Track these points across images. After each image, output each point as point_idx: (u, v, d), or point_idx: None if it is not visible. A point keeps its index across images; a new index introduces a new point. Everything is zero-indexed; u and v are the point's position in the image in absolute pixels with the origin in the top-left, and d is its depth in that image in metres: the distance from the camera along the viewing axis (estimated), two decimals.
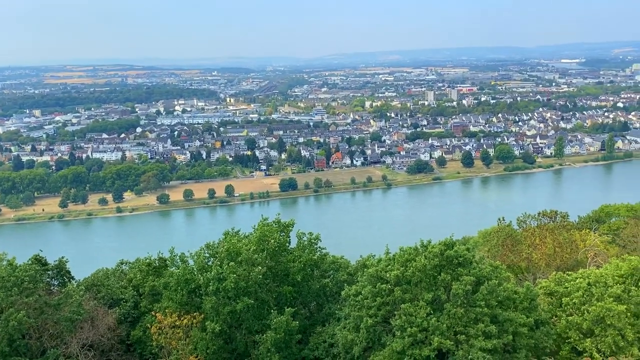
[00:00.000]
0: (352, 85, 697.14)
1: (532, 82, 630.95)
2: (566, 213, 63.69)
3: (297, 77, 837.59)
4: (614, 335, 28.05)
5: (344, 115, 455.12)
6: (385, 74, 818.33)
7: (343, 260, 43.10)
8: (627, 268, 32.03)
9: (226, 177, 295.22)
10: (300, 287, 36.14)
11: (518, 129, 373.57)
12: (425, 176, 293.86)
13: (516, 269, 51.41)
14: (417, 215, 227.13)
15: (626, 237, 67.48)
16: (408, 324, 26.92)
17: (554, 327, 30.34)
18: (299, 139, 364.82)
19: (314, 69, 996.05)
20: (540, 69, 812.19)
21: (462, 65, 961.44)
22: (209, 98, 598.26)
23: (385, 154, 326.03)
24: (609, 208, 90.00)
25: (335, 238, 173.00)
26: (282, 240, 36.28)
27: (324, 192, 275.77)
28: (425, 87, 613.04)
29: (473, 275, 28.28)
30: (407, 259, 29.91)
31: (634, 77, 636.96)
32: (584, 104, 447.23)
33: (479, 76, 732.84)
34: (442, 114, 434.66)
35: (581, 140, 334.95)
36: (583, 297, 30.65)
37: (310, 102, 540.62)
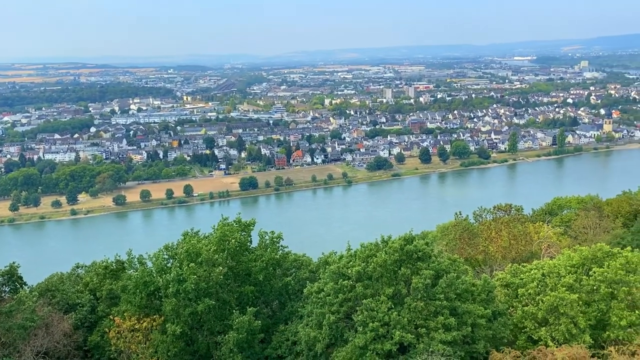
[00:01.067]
0: (311, 83, 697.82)
1: (486, 79, 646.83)
2: (520, 206, 65.45)
3: (255, 75, 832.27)
4: (567, 324, 29.03)
5: (304, 113, 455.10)
6: (344, 72, 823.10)
7: (305, 258, 43.18)
8: (579, 258, 33.18)
9: (184, 177, 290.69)
10: (262, 286, 35.98)
11: (473, 125, 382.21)
12: (384, 173, 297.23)
13: (473, 262, 52.55)
14: (378, 211, 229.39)
15: (577, 229, 69.98)
16: (370, 319, 27.18)
17: (511, 318, 31.20)
18: (258, 137, 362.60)
19: (273, 67, 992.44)
20: (493, 67, 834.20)
21: (419, 63, 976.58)
22: (165, 96, 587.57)
23: (346, 152, 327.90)
24: (560, 201, 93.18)
25: (298, 236, 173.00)
26: (243, 240, 36.00)
27: (285, 191, 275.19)
28: (383, 84, 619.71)
29: (432, 269, 28.79)
30: (368, 255, 30.19)
31: (581, 74, 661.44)
32: (535, 100, 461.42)
33: (435, 74, 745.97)
34: (400, 111, 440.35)
35: (534, 135, 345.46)
36: (537, 287, 31.60)
37: (269, 100, 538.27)
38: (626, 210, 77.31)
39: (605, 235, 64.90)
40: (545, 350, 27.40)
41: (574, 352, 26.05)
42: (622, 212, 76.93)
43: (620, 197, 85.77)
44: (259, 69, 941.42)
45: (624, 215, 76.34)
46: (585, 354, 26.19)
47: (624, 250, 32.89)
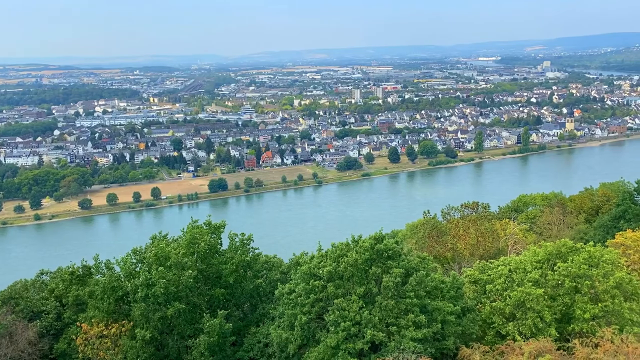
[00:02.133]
0: (280, 83, 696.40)
1: (452, 80, 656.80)
2: (487, 204, 66.78)
3: (223, 75, 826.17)
4: (533, 318, 29.70)
5: (273, 114, 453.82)
6: (313, 73, 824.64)
7: (276, 259, 43.03)
8: (544, 254, 33.97)
9: (152, 180, 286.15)
10: (233, 288, 35.71)
11: (440, 125, 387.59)
12: (354, 173, 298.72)
13: (442, 260, 53.30)
14: (349, 211, 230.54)
15: (542, 225, 71.75)
16: (341, 318, 27.29)
17: (479, 314, 31.73)
18: (227, 139, 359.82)
19: (241, 67, 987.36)
20: (459, 67, 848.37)
21: (386, 64, 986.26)
22: (131, 98, 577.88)
23: (315, 152, 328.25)
24: (526, 198, 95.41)
25: (269, 237, 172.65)
26: (213, 242, 35.64)
27: (255, 192, 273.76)
28: (352, 85, 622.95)
29: (402, 267, 29.08)
30: (339, 255, 30.29)
31: (544, 73, 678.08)
32: (500, 100, 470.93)
33: (402, 74, 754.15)
34: (368, 111, 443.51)
35: (499, 134, 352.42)
36: (505, 283, 32.22)
37: (238, 101, 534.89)
38: (588, 206, 79.67)
39: (569, 230, 66.76)
40: (513, 345, 27.97)
41: (541, 345, 26.66)
42: (584, 208, 79.24)
43: (582, 193, 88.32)
44: (227, 70, 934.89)
45: (587, 211, 78.65)
46: (551, 347, 26.84)
47: (586, 245, 33.84)
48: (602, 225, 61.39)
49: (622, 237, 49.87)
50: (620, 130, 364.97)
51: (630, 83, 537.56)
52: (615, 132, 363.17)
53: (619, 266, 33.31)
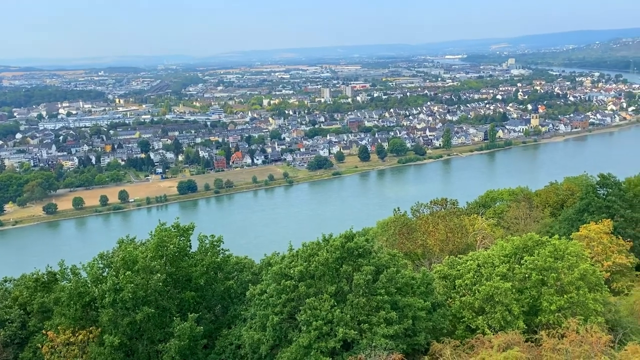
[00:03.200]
0: (248, 83, 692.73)
1: (420, 78, 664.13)
2: (456, 200, 67.58)
3: (191, 75, 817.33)
4: (502, 311, 30.23)
5: (242, 114, 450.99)
6: (282, 72, 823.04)
7: (247, 260, 42.75)
8: (511, 248, 34.63)
9: (119, 183, 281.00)
10: (203, 291, 35.32)
11: (409, 123, 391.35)
12: (325, 172, 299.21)
13: (413, 256, 53.77)
14: (321, 210, 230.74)
15: (509, 219, 73.10)
16: (313, 317, 27.26)
17: (450, 308, 32.13)
18: (196, 140, 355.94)
19: (209, 67, 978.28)
20: (426, 65, 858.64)
21: (355, 63, 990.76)
22: (96, 99, 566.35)
23: (286, 152, 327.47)
24: (493, 193, 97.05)
25: (242, 238, 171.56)
26: (182, 245, 35.16)
27: (225, 193, 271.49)
28: (321, 84, 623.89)
29: (373, 264, 29.22)
30: (310, 254, 30.26)
31: (509, 71, 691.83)
32: (467, 97, 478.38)
33: (370, 73, 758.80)
34: (338, 110, 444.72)
35: (466, 131, 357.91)
36: (474, 278, 32.72)
37: (206, 101, 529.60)
38: (553, 200, 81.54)
39: (535, 224, 68.18)
40: (482, 338, 28.40)
41: (509, 338, 27.16)
42: (550, 202, 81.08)
43: (547, 188, 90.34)
44: (194, 70, 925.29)
45: (552, 205, 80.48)
46: (520, 339, 27.37)
47: (552, 239, 34.62)
48: (566, 219, 62.87)
49: (586, 230, 51.28)
50: (582, 126, 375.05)
51: (592, 79, 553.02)
52: (578, 128, 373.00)
53: (583, 258, 34.19)
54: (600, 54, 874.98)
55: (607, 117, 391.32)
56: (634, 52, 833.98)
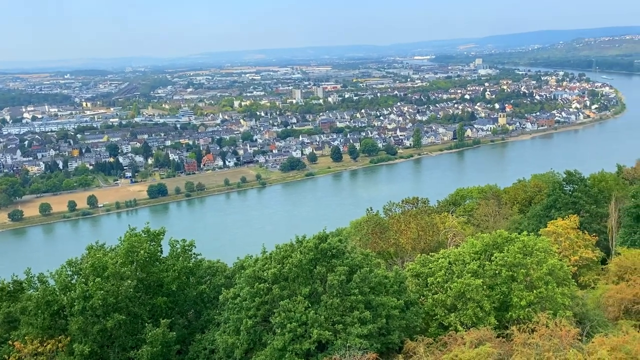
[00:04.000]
0: (219, 84, 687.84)
1: (389, 79, 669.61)
2: (427, 199, 68.40)
3: (159, 77, 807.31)
4: (473, 308, 30.65)
5: (213, 116, 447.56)
6: (252, 73, 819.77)
7: (220, 264, 42.36)
8: (481, 245, 35.11)
9: (88, 188, 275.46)
10: (175, 296, 34.86)
11: (380, 123, 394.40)
12: (298, 173, 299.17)
13: (386, 255, 54.16)
14: (295, 211, 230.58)
15: (479, 217, 74.30)
16: (287, 320, 27.18)
17: (422, 306, 32.42)
18: (166, 142, 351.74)
19: (178, 69, 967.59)
20: (396, 66, 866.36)
21: (325, 64, 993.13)
22: (62, 103, 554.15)
23: (258, 153, 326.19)
24: (463, 191, 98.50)
25: (216, 242, 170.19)
26: (153, 250, 34.62)
27: (197, 196, 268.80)
28: (292, 85, 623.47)
29: (346, 265, 29.29)
30: (284, 256, 30.17)
31: (477, 71, 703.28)
32: (436, 97, 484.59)
33: (341, 74, 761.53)
34: (310, 111, 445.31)
35: (436, 130, 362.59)
36: (445, 275, 33.08)
37: (175, 104, 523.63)
38: (522, 197, 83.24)
39: (504, 221, 69.48)
40: (455, 335, 28.75)
41: (481, 334, 27.56)
42: (518, 199, 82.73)
43: (515, 185, 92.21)
44: (163, 72, 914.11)
45: (520, 202, 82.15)
46: (491, 335, 27.80)
47: (521, 235, 35.24)
48: (534, 215, 64.26)
49: (554, 226, 52.51)
50: (548, 124, 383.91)
51: (556, 78, 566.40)
52: (544, 126, 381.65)
53: (551, 253, 34.94)
54: (564, 54, 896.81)
55: (571, 115, 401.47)
56: (596, 51, 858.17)
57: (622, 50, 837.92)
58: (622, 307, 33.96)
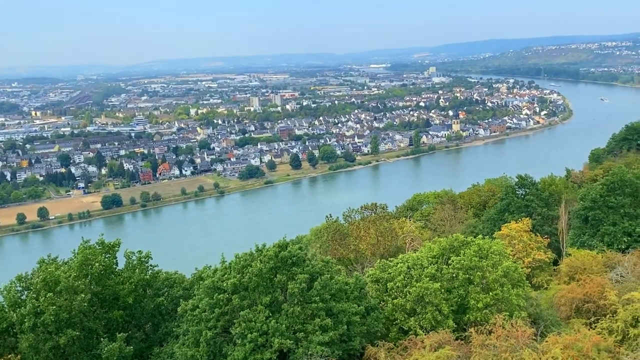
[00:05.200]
0: (174, 92, 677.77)
1: (347, 87, 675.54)
2: (385, 204, 69.01)
3: (113, 85, 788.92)
4: (432, 311, 31.12)
5: (169, 124, 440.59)
6: (209, 81, 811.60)
7: (178, 275, 41.45)
8: (438, 249, 35.75)
9: (38, 199, 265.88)
10: (132, 309, 33.97)
11: (338, 130, 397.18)
12: (257, 181, 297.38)
13: (346, 261, 54.34)
14: (256, 219, 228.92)
15: (436, 221, 75.59)
16: (248, 330, 26.91)
17: (382, 312, 32.67)
18: (120, 152, 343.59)
19: (132, 77, 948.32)
20: (353, 74, 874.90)
21: (283, 72, 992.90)
22: (9, 112, 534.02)
23: (216, 162, 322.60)
24: (420, 197, 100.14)
25: (176, 252, 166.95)
26: (108, 263, 33.67)
27: (153, 206, 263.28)
28: (250, 93, 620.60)
29: (307, 272, 29.26)
30: (243, 266, 29.89)
31: (431, 78, 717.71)
32: (392, 105, 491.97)
33: (299, 82, 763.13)
34: (268, 119, 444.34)
35: (392, 137, 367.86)
36: (404, 280, 33.47)
37: (130, 112, 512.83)
38: (476, 201, 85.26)
39: (460, 225, 70.92)
40: (415, 339, 29.11)
41: (440, 337, 28.02)
42: (473, 204, 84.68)
43: (470, 189, 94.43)
44: (117, 80, 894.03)
45: (475, 206, 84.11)
46: (450, 338, 28.29)
47: (476, 239, 36.08)
48: (489, 219, 65.88)
49: (507, 229, 53.98)
50: (500, 130, 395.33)
51: (507, 86, 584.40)
52: (497, 132, 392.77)
53: (506, 256, 35.88)
54: (514, 62, 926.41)
55: (522, 121, 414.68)
56: (544, 59, 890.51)
57: (568, 58, 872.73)
58: (574, 306, 35.16)
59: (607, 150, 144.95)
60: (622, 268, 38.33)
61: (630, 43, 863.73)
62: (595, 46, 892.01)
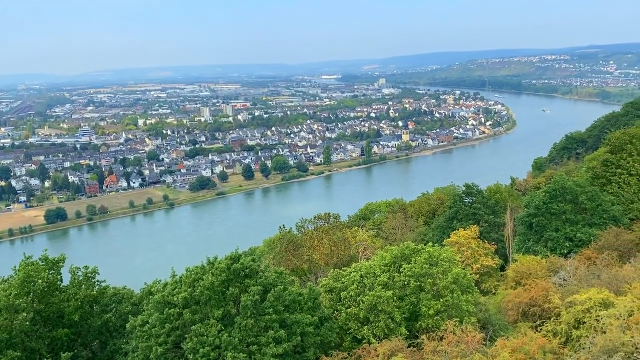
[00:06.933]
0: (121, 102, 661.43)
1: (299, 97, 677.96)
2: (337, 214, 69.50)
3: (57, 95, 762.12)
4: (385, 319, 31.42)
5: (116, 135, 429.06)
6: (157, 91, 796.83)
7: (126, 290, 40.22)
8: (390, 257, 36.22)
9: None
10: (78, 327, 32.67)
11: (291, 141, 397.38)
12: (208, 192, 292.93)
13: (299, 272, 54.29)
14: (208, 231, 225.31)
15: (387, 230, 76.61)
16: (200, 344, 26.36)
17: (336, 321, 32.75)
18: (64, 164, 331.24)
19: (77, 87, 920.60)
20: (304, 85, 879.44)
21: (234, 82, 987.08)
22: None
23: (165, 173, 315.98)
24: (372, 206, 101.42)
25: (120, 268, 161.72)
26: (52, 279, 32.31)
27: (99, 220, 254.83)
28: (200, 103, 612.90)
29: (260, 284, 29.00)
30: (195, 279, 29.33)
31: (381, 90, 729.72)
32: (344, 115, 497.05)
33: (250, 92, 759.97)
34: (219, 129, 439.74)
35: (344, 147, 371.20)
36: (357, 289, 33.70)
37: (75, 123, 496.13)
38: (426, 209, 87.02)
39: (411, 233, 72.16)
40: (368, 348, 29.32)
41: (393, 345, 28.33)
42: (423, 212, 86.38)
43: (420, 198, 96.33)
44: (61, 90, 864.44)
45: (425, 214, 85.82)
46: (402, 345, 28.65)
47: (426, 246, 36.80)
48: (438, 226, 67.39)
49: (456, 236, 55.36)
50: (448, 140, 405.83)
51: (454, 97, 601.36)
52: (444, 142, 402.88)
53: (455, 263, 36.75)
54: (460, 74, 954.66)
55: (468, 132, 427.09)
56: (489, 71, 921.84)
57: (511, 70, 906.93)
58: (520, 310, 36.31)
59: (549, 159, 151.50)
60: (564, 272, 39.93)
61: (568, 57, 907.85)
62: (536, 59, 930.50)
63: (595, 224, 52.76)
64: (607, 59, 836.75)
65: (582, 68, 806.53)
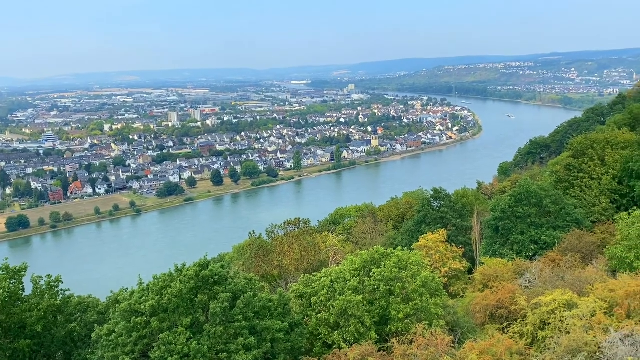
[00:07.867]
0: (87, 107, 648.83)
1: (268, 102, 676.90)
2: (308, 219, 69.43)
3: (19, 100, 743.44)
4: (355, 324, 31.44)
5: (81, 140, 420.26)
6: (124, 95, 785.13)
7: (91, 299, 39.25)
8: (360, 262, 36.30)
9: None
10: (41, 337, 31.69)
11: (260, 146, 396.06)
12: (176, 198, 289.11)
13: (270, 278, 53.92)
14: (174, 238, 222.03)
15: (357, 234, 77.01)
16: (168, 353, 25.89)
17: (307, 327, 32.62)
18: (27, 170, 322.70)
19: (40, 91, 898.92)
20: (274, 90, 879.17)
21: (203, 87, 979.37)
22: None
23: (132, 179, 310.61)
24: (342, 210, 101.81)
25: (85, 276, 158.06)
26: (13, 289, 31.28)
27: (64, 227, 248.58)
28: (168, 108, 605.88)
29: (229, 291, 28.68)
30: (162, 287, 28.80)
31: (350, 95, 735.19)
32: (314, 121, 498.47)
33: (219, 97, 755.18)
34: (187, 134, 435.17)
35: (314, 152, 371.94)
36: (328, 293, 33.63)
37: (38, 128, 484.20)
38: (395, 214, 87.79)
39: (381, 237, 72.67)
40: (339, 353, 29.28)
41: (364, 349, 28.38)
42: (392, 216, 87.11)
43: (389, 202, 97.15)
44: (23, 94, 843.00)
45: (394, 218, 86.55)
46: (373, 349, 28.72)
47: (396, 250, 37.01)
48: (407, 231, 68.00)
49: (425, 240, 55.95)
50: (416, 145, 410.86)
51: (422, 103, 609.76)
52: (413, 147, 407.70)
53: (424, 266, 37.06)
54: (428, 80, 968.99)
55: (436, 137, 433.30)
56: (455, 78, 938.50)
57: (477, 77, 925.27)
58: (488, 313, 36.84)
59: (514, 164, 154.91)
60: (530, 274, 40.72)
61: (532, 64, 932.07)
62: (502, 66, 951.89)
63: (559, 227, 54.01)
64: (569, 66, 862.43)
65: (546, 75, 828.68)
